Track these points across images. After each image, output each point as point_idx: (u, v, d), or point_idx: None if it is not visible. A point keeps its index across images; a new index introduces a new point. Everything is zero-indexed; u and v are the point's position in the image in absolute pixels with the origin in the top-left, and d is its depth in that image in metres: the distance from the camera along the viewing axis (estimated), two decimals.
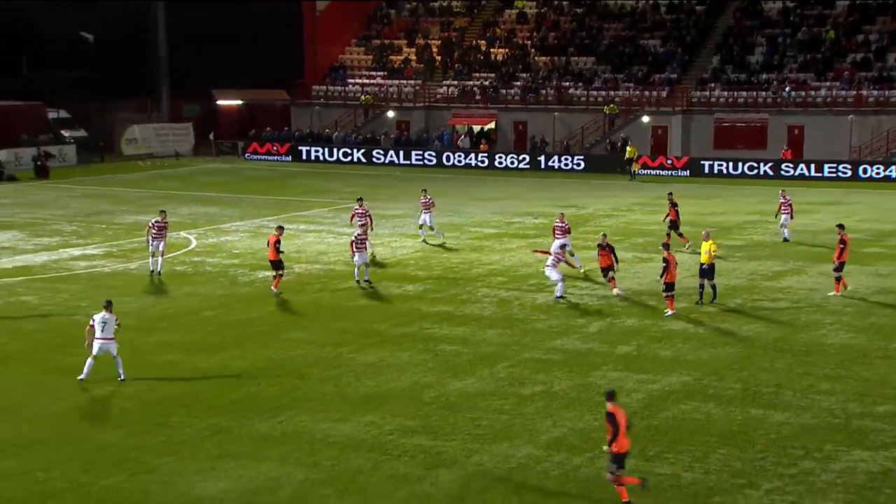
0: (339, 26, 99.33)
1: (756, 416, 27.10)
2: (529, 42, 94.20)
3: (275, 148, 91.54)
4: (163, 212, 45.34)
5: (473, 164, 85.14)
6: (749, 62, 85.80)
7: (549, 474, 23.54)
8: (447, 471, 23.80)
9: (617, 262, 39.88)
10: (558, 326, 35.94)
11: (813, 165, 76.76)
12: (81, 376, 29.48)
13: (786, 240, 51.66)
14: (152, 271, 43.73)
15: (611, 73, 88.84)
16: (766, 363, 31.76)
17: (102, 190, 73.16)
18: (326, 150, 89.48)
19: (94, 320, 29.33)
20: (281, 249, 40.50)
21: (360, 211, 49.38)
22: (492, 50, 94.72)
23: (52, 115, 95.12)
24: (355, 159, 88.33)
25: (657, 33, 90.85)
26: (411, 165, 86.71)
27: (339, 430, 26.25)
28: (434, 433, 25.96)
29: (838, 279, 40.01)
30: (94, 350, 29.22)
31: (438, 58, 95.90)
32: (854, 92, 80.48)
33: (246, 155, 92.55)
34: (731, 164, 78.52)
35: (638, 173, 78.26)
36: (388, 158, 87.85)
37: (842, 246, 39.84)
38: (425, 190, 54.08)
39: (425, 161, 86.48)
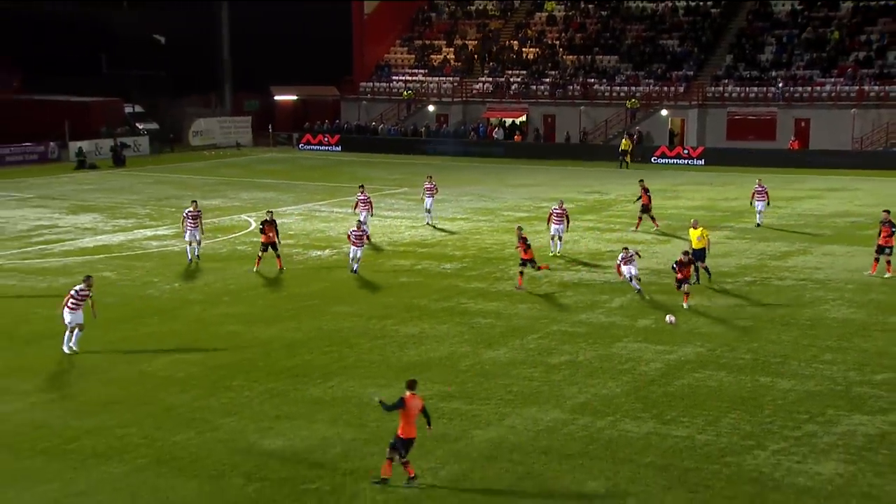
0: (385, 28, 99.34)
1: (764, 384, 27.07)
2: (558, 42, 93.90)
3: (326, 139, 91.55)
4: (194, 201, 44.11)
5: (505, 154, 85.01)
6: (759, 60, 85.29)
7: (574, 436, 23.59)
8: (481, 432, 23.89)
9: (699, 277, 37.30)
10: (583, 302, 35.92)
11: (819, 155, 76.20)
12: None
13: (758, 224, 50.19)
14: (190, 260, 42.25)
15: (632, 71, 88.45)
16: (773, 335, 31.69)
17: (172, 177, 73.50)
18: (373, 140, 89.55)
19: (76, 291, 29.54)
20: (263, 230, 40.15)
21: (362, 198, 48.39)
22: (523, 49, 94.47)
23: (128, 109, 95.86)
24: (403, 149, 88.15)
25: (675, 34, 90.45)
26: (450, 155, 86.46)
27: (384, 394, 26.31)
28: (469, 398, 26.05)
29: (877, 260, 39.19)
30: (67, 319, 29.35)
31: (475, 57, 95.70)
32: (857, 87, 79.93)
33: (300, 145, 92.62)
34: (743, 153, 78.11)
35: (627, 163, 77.88)
36: (430, 149, 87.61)
37: (893, 230, 38.66)
38: (430, 176, 53.97)
39: (464, 151, 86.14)
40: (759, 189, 50.46)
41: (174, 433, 23.81)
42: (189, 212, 42.16)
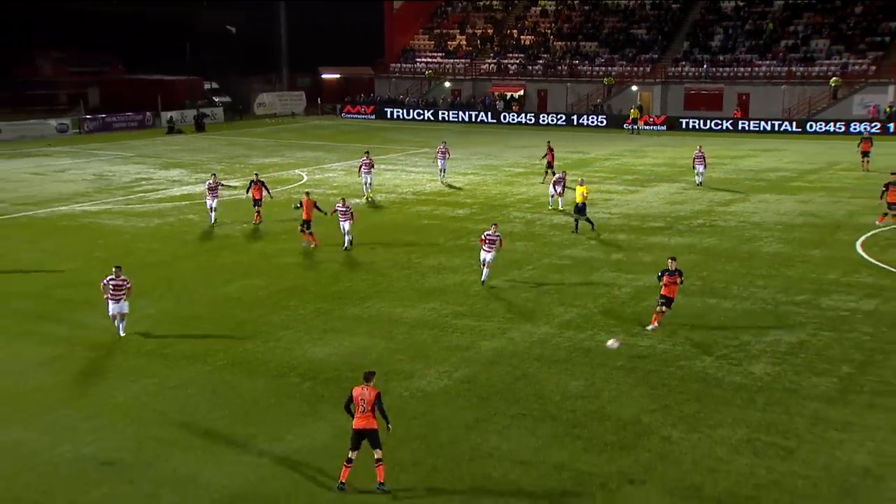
0: (410, 20, 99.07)
1: (711, 304, 27.05)
2: (549, 31, 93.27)
3: (363, 109, 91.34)
4: (213, 175, 41.37)
5: (507, 121, 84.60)
6: (710, 46, 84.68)
7: (560, 346, 23.61)
8: (486, 342, 23.93)
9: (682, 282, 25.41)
10: (568, 240, 35.81)
11: (756, 122, 76.24)
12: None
13: (699, 184, 47.97)
14: (212, 224, 38.51)
15: (609, 54, 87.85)
16: (719, 266, 31.61)
17: (241, 139, 73.43)
18: (401, 110, 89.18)
19: (107, 280, 23.78)
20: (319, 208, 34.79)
21: (366, 161, 45.69)
22: (522, 37, 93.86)
23: (206, 86, 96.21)
24: (424, 117, 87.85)
25: (643, 25, 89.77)
26: (462, 122, 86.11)
27: (410, 313, 26.40)
28: (477, 316, 26.07)
29: (885, 214, 37.46)
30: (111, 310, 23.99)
31: (482, 43, 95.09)
32: (786, 68, 79.63)
33: (342, 114, 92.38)
34: (697, 121, 77.96)
35: (640, 129, 77.53)
36: (446, 116, 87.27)
37: None
38: (445, 142, 52.94)
39: (473, 119, 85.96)
40: (699, 154, 48.63)
41: (245, 342, 23.96)
42: (209, 184, 38.96)
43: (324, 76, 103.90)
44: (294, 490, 16.38)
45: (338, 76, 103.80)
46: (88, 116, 78.67)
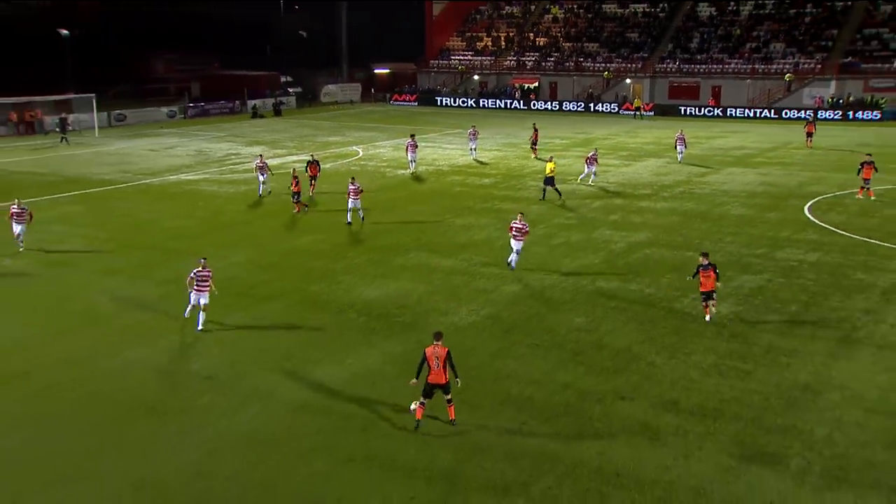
0: (446, 24, 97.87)
1: (688, 257, 26.68)
2: (559, 34, 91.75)
3: (407, 97, 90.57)
4: (259, 155, 39.46)
5: (524, 107, 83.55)
6: (690, 47, 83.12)
7: (566, 290, 23.47)
8: (507, 287, 23.83)
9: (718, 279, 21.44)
10: (574, 204, 35.46)
11: (726, 109, 75.04)
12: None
13: (680, 162, 46.14)
14: (260, 195, 36.82)
15: (608, 53, 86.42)
16: (695, 226, 31.21)
17: (310, 122, 73.21)
18: (438, 98, 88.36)
19: (194, 272, 20.35)
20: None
21: (412, 143, 43.56)
22: (537, 39, 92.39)
23: (283, 79, 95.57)
24: (457, 104, 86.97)
25: (636, 30, 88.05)
26: (488, 108, 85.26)
27: (445, 262, 26.31)
28: (500, 265, 25.92)
29: (862, 188, 35.55)
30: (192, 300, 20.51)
31: (504, 44, 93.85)
32: (750, 66, 78.22)
33: (391, 101, 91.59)
34: (679, 108, 76.81)
35: (643, 115, 76.40)
36: (475, 103, 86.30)
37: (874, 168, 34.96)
38: (475, 126, 52.06)
39: (497, 106, 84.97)
40: (680, 137, 47.28)
41: (312, 285, 23.98)
42: (257, 162, 37.17)
43: (376, 70, 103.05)
44: (352, 402, 16.48)
45: (387, 70, 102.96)
46: (191, 104, 78.73)
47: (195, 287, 20.22)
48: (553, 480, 13.69)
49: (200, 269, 20.33)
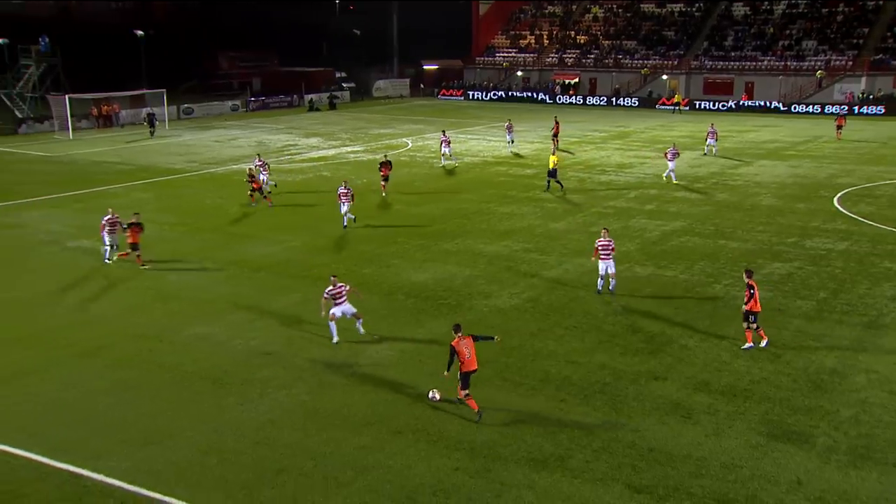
0: (492, 23, 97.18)
1: (721, 245, 26.36)
2: (599, 32, 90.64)
3: (454, 92, 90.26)
4: (258, 155, 37.26)
5: (564, 102, 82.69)
6: (724, 45, 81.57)
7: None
8: (547, 272, 23.71)
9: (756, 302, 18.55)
10: (611, 194, 35.12)
11: (758, 104, 73.58)
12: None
13: (713, 154, 44.97)
14: (268, 194, 33.60)
15: (645, 51, 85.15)
16: (728, 215, 30.72)
17: (362, 115, 73.45)
18: (482, 92, 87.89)
19: (326, 292, 18.38)
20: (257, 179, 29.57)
21: (445, 139, 42.21)
22: (577, 36, 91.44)
23: (337, 75, 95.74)
24: (500, 98, 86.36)
25: (672, 28, 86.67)
26: (531, 102, 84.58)
27: (489, 248, 26.26)
28: (541, 252, 25.83)
29: None
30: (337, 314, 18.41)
31: (546, 41, 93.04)
32: (783, 63, 76.49)
33: (439, 96, 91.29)
34: (712, 103, 75.49)
35: (682, 110, 75.21)
36: (518, 97, 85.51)
37: None
38: (510, 119, 52.02)
39: (540, 100, 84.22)
40: (711, 130, 46.63)
41: (364, 268, 24.08)
42: (257, 163, 34.87)
43: (425, 66, 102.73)
44: (401, 378, 16.56)
45: (435, 66, 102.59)
46: (252, 99, 79.44)
47: (335, 302, 18.24)
48: (589, 454, 13.63)
49: (332, 287, 18.29)
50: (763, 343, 17.86)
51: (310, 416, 14.98)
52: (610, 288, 21.33)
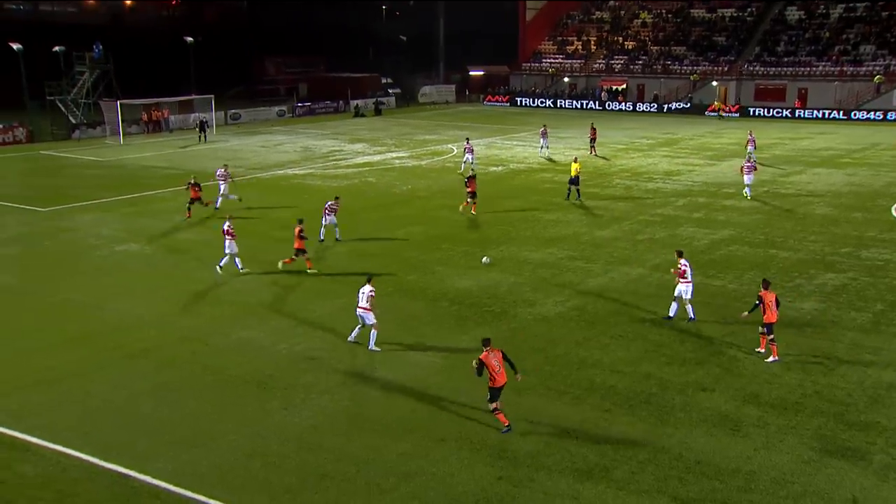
0: (539, 29, 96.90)
1: (771, 254, 25.89)
2: (648, 38, 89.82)
3: (500, 98, 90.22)
4: (224, 165, 35.46)
5: (613, 108, 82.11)
6: (777, 50, 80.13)
7: (651, 284, 23.07)
8: (593, 280, 23.54)
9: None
10: (659, 202, 34.76)
11: (813, 111, 72.17)
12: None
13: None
14: (217, 208, 32.74)
15: (695, 56, 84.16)
16: (778, 224, 30.17)
17: (408, 121, 73.81)
18: (530, 99, 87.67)
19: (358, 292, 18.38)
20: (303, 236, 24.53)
21: (468, 147, 41.45)
22: (625, 42, 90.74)
23: (383, 80, 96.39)
24: (548, 105, 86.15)
25: (723, 33, 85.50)
26: (577, 109, 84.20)
27: (533, 256, 26.18)
28: (586, 259, 25.66)
29: None
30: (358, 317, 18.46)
31: (594, 47, 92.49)
32: (838, 68, 74.86)
33: (484, 102, 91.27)
34: (764, 109, 74.27)
35: (723, 115, 74.48)
36: (565, 104, 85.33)
37: None
38: (545, 125, 52.00)
39: (587, 106, 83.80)
40: (751, 138, 45.58)
41: (408, 274, 24.19)
42: (220, 172, 34.00)
43: (471, 72, 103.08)
44: (445, 386, 16.58)
45: (481, 72, 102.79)
46: (299, 104, 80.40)
47: (364, 307, 18.07)
48: (635, 466, 13.49)
49: (367, 286, 18.21)
50: (770, 359, 17.50)
51: (353, 421, 15.08)
52: (690, 315, 19.83)
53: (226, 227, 24.33)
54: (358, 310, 18.27)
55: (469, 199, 31.67)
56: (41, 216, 32.84)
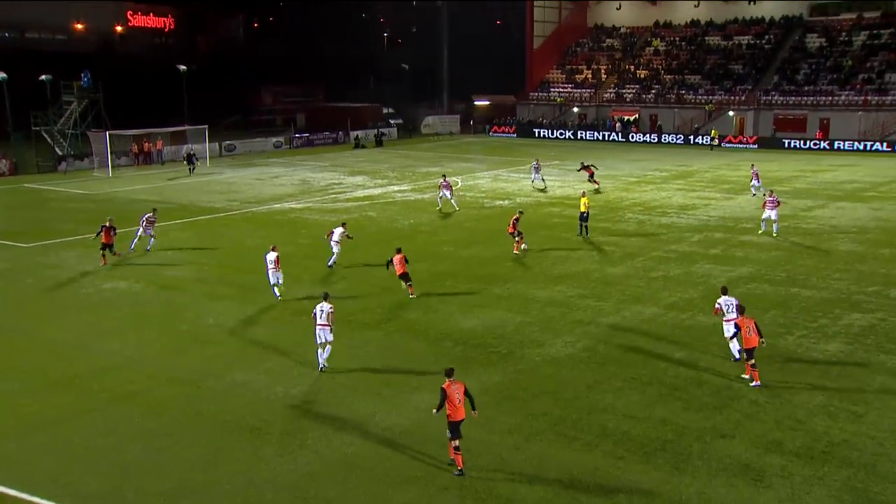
0: (546, 57, 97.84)
1: (793, 293, 25.89)
2: (661, 66, 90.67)
3: (506, 129, 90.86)
4: (154, 209, 34.58)
5: (623, 139, 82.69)
6: (797, 79, 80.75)
7: (665, 324, 23.05)
8: (604, 319, 23.55)
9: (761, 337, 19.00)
10: (674, 237, 34.87)
11: (835, 143, 72.55)
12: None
13: (757, 196, 43.88)
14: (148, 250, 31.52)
15: (710, 85, 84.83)
16: (800, 261, 30.20)
17: (410, 153, 74.33)
18: (537, 130, 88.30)
19: (315, 310, 19.85)
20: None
21: (444, 183, 41.79)
22: (637, 71, 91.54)
23: (384, 110, 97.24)
24: (556, 136, 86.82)
25: (740, 61, 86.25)
26: (587, 140, 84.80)
27: (541, 294, 26.21)
28: (597, 298, 25.68)
29: None
30: (316, 337, 19.73)
31: (605, 76, 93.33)
32: (862, 98, 75.33)
33: (490, 133, 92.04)
34: (784, 141, 74.73)
35: (718, 145, 75.15)
36: (573, 135, 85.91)
37: None
38: (538, 159, 53.18)
39: (596, 137, 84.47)
40: (754, 172, 45.86)
41: (410, 313, 24.22)
42: (148, 217, 32.96)
43: (476, 102, 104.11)
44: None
45: (487, 102, 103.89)
46: (296, 135, 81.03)
47: (318, 325, 19.48)
48: None
49: (325, 303, 19.65)
50: (753, 383, 18.53)
51: (351, 469, 15.04)
52: (735, 356, 19.90)
53: (271, 258, 25.31)
54: (318, 328, 19.44)
55: (517, 239, 31.76)
56: (24, 252, 33.05)
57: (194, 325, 23.38)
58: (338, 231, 29.78)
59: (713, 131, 76.82)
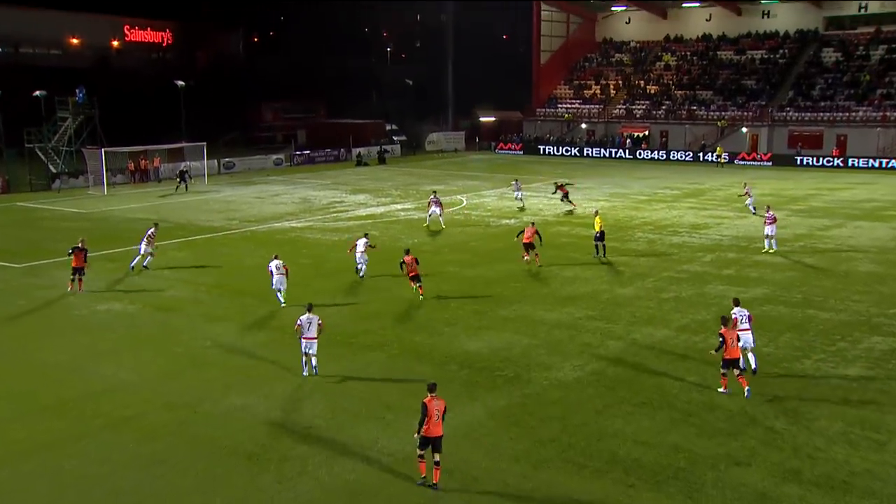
0: (553, 73, 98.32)
1: (810, 315, 25.82)
2: (671, 82, 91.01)
3: (513, 146, 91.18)
4: (155, 224, 35.70)
5: (632, 157, 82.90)
6: (812, 94, 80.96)
7: (677, 346, 22.99)
8: (614, 342, 23.50)
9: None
10: (685, 257, 34.86)
11: (851, 160, 72.65)
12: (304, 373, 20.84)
13: (753, 213, 44.63)
14: (145, 266, 32.80)
15: (722, 101, 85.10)
16: (817, 282, 30.16)
17: (414, 170, 74.53)
18: (544, 147, 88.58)
19: (300, 320, 20.61)
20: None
21: (434, 200, 42.71)
22: (648, 87, 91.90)
23: (388, 127, 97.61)
24: (562, 153, 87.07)
25: (753, 76, 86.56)
26: (594, 157, 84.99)
27: (549, 315, 26.18)
28: (607, 319, 25.65)
29: None
30: (302, 347, 20.64)
31: (613, 92, 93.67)
32: (881, 113, 75.45)
33: (496, 150, 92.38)
34: (798, 158, 74.82)
35: (724, 163, 75.66)
36: (580, 152, 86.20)
37: None
38: (518, 179, 52.69)
39: (605, 155, 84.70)
40: (747, 190, 46.20)
41: (414, 335, 24.21)
42: (151, 232, 33.11)
43: (481, 119, 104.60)
44: (453, 456, 16.45)
45: (493, 119, 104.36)
46: (297, 152, 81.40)
47: (302, 336, 20.50)
48: None
49: (309, 314, 20.57)
50: (721, 389, 19.40)
51: (353, 497, 14.97)
52: (752, 366, 20.47)
53: (276, 265, 27.00)
54: (304, 341, 20.35)
55: (530, 252, 33.01)
56: (15, 272, 33.14)
57: (191, 347, 23.37)
58: (361, 242, 31.14)
59: (718, 148, 76.96)
